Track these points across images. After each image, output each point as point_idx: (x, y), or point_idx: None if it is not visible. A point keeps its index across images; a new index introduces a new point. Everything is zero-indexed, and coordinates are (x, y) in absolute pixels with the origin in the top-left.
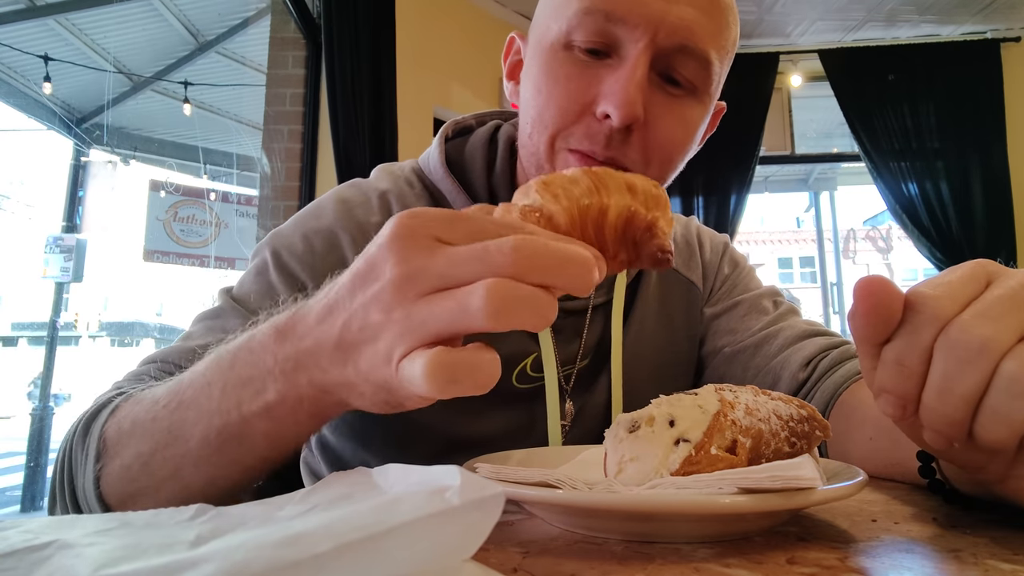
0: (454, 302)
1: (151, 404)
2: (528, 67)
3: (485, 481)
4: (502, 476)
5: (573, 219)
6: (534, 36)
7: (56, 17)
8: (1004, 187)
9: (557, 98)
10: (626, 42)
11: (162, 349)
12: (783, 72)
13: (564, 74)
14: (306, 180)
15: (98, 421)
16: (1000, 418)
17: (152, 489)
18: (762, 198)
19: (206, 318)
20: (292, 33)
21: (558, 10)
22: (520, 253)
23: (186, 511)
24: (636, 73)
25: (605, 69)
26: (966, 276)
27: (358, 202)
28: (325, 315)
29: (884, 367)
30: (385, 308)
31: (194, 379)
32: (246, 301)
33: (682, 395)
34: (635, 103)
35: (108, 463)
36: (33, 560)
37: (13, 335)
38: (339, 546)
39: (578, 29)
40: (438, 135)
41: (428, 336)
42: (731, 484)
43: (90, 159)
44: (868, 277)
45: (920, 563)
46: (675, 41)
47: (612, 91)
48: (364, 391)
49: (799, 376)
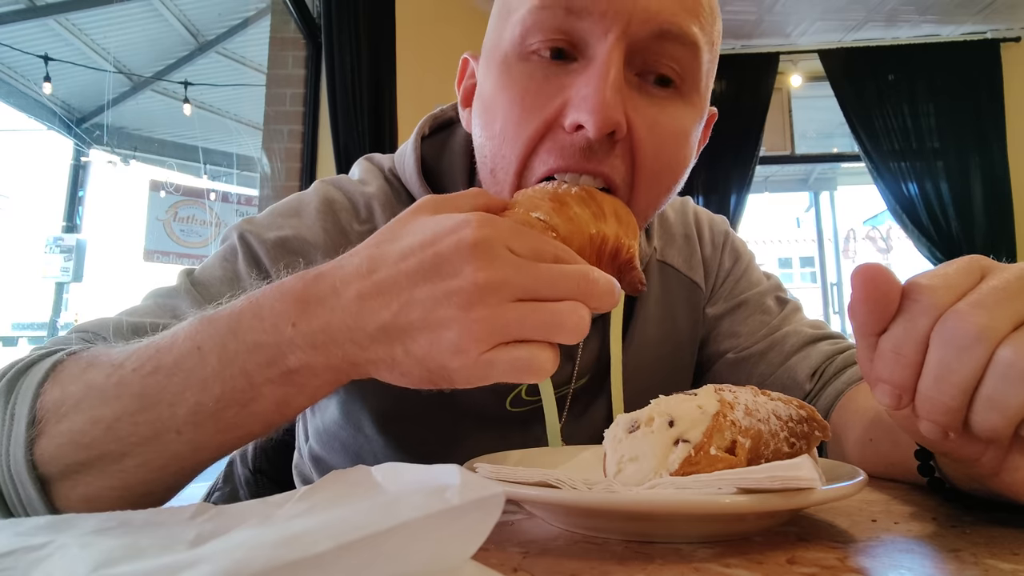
0: (549, 315)
1: (109, 367)
2: (480, 88)
3: (485, 481)
4: (502, 476)
5: (583, 247)
6: (487, 48)
7: (56, 17)
8: (1004, 187)
9: (516, 116)
10: (593, 38)
11: (96, 319)
12: (783, 72)
13: (522, 91)
14: (306, 180)
15: (25, 383)
16: (995, 405)
17: (117, 455)
18: (762, 198)
19: (158, 295)
20: (292, 33)
21: (509, 14)
22: (588, 283)
23: (186, 510)
24: (609, 72)
25: (571, 75)
26: (962, 268)
27: (343, 206)
28: (371, 295)
29: (881, 356)
30: (464, 306)
31: (175, 343)
32: (207, 284)
33: (681, 395)
34: (612, 106)
35: (49, 427)
36: (31, 560)
37: (13, 335)
38: (339, 546)
39: (534, 29)
40: (414, 132)
41: (512, 337)
42: (730, 484)
43: (90, 159)
44: (866, 264)
45: (920, 563)
46: (652, 27)
47: (582, 96)
48: (408, 370)
49: (805, 387)
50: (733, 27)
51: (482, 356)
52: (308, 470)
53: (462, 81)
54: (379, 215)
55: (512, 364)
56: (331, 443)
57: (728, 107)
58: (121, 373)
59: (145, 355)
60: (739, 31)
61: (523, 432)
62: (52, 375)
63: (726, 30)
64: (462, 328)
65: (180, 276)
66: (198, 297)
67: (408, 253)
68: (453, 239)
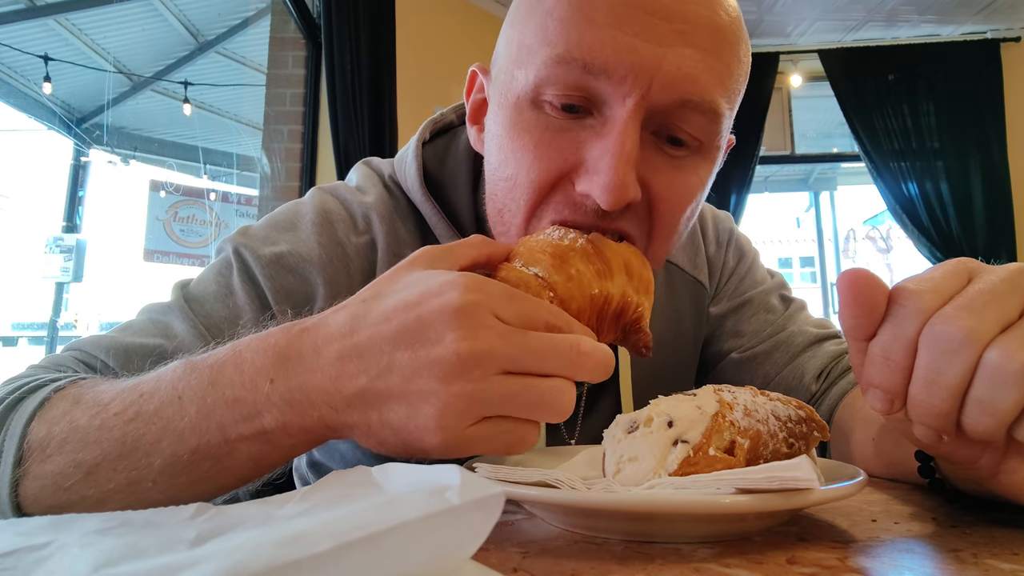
0: (535, 396)
1: (95, 408)
2: (492, 121)
3: (485, 481)
4: (502, 476)
5: (582, 308)
6: (498, 81)
7: (56, 17)
8: (1004, 187)
9: (528, 164)
10: (611, 99)
11: (92, 336)
12: (783, 72)
13: (535, 140)
14: (306, 180)
15: (16, 418)
16: (986, 407)
17: (96, 500)
18: (762, 198)
19: (152, 311)
20: (292, 33)
21: (524, 53)
22: (579, 356)
23: (186, 510)
24: (626, 145)
25: (586, 131)
26: (949, 272)
27: (340, 218)
28: (351, 357)
29: (871, 362)
30: (444, 378)
31: (158, 389)
32: (201, 300)
33: (681, 396)
34: (626, 186)
35: (34, 467)
36: (32, 560)
37: (13, 335)
38: (339, 546)
39: (549, 82)
40: (414, 138)
41: (495, 413)
42: (729, 485)
43: (90, 159)
44: (850, 269)
45: (920, 563)
46: (674, 96)
47: (597, 169)
48: (384, 439)
49: (812, 388)
50: None
51: (462, 432)
52: (307, 474)
53: (471, 94)
54: (377, 226)
55: (493, 443)
56: (332, 454)
57: None
58: (104, 416)
59: (128, 399)
60: None
61: None
62: (39, 413)
63: None
64: (441, 403)
65: (175, 290)
66: (191, 314)
67: (391, 314)
68: (438, 302)
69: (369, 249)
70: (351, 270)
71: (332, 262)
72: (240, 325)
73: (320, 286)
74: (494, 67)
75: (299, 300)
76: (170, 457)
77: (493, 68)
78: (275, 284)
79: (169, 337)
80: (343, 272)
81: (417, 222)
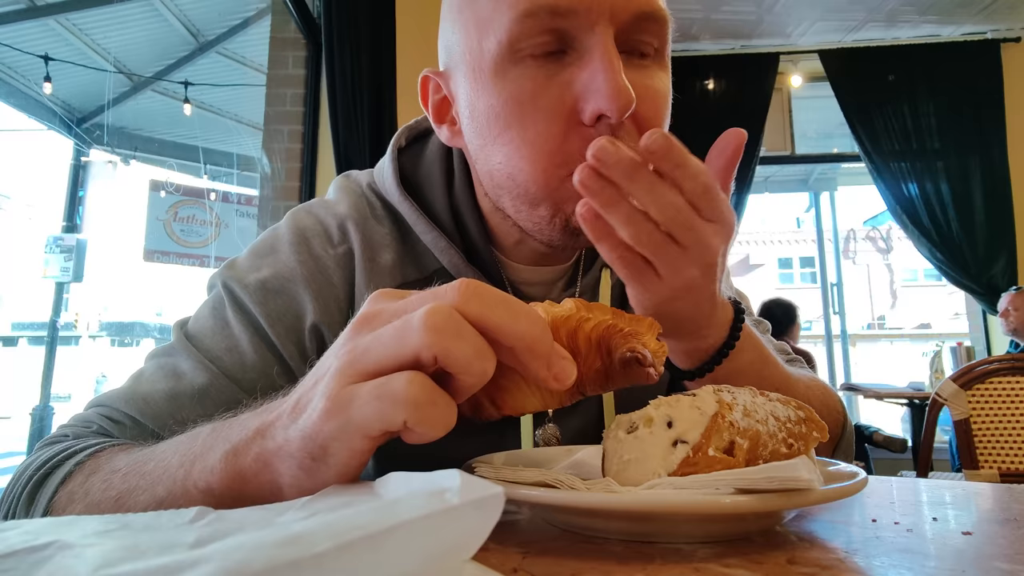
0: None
1: (104, 485)
2: (473, 102)
3: (485, 481)
4: (502, 476)
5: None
6: (463, 65)
7: (56, 17)
8: (1004, 187)
9: (535, 121)
10: (581, 32)
11: (110, 392)
12: (783, 72)
13: (529, 91)
14: (306, 180)
15: (46, 489)
16: None
17: None
18: (762, 198)
19: (159, 355)
20: (292, 33)
21: (484, 25)
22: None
23: (186, 513)
24: (612, 59)
25: (571, 69)
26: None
27: (315, 233)
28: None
29: None
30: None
31: (154, 484)
32: (201, 338)
33: (680, 396)
34: (627, 88)
35: None
36: (33, 561)
37: (13, 335)
38: (339, 545)
39: (523, 36)
40: (391, 145)
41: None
42: (728, 485)
43: (90, 159)
44: None
45: (920, 563)
46: (631, 11)
47: (597, 87)
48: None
49: None
50: (733, 27)
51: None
52: None
53: (427, 98)
54: (353, 234)
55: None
56: None
57: (728, 107)
58: (107, 495)
59: (129, 484)
60: (739, 31)
61: (500, 436)
62: (67, 481)
63: (726, 30)
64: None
65: (175, 330)
66: (194, 351)
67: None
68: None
69: (347, 259)
70: (334, 281)
71: (314, 276)
72: (240, 353)
73: (308, 301)
74: (449, 62)
75: (291, 320)
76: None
77: (448, 63)
78: (265, 309)
79: (178, 376)
80: (327, 284)
81: (393, 223)
